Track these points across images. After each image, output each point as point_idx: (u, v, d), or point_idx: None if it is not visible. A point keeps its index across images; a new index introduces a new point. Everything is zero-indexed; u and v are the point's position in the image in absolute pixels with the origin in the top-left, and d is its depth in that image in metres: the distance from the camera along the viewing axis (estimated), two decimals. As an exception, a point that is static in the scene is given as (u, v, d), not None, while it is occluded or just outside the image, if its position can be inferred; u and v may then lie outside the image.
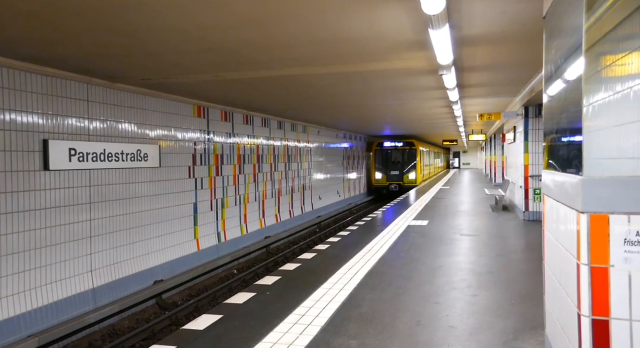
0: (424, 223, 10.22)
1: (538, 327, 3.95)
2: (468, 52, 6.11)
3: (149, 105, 8.67)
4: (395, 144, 26.43)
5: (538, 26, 4.63)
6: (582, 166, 2.38)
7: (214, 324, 4.21)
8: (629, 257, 2.21)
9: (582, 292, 2.29)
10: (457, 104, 11.43)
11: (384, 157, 26.76)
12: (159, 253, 8.86)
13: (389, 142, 26.52)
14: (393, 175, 26.53)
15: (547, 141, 3.39)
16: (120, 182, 7.93)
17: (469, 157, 57.74)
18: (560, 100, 2.99)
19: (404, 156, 26.61)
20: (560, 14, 2.97)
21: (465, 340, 3.79)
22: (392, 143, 26.50)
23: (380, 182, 26.58)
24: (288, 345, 3.70)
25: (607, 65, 2.92)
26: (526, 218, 10.49)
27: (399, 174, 26.40)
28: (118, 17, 4.34)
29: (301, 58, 6.22)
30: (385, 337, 3.85)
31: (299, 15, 4.43)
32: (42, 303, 6.39)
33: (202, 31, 4.89)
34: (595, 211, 2.26)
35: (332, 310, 4.50)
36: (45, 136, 6.50)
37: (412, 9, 4.19)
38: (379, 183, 26.61)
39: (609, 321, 2.24)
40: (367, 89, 9.12)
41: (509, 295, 4.97)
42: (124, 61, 6.21)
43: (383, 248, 7.46)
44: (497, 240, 8.48)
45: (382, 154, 26.79)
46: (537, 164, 10.37)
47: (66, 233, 6.85)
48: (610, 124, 2.89)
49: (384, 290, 5.22)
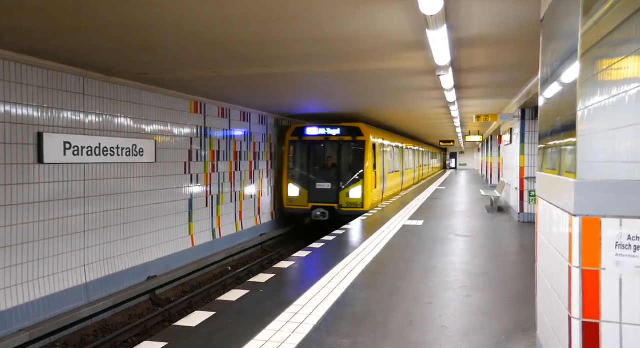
0: (419, 223, 10.23)
1: (530, 328, 3.96)
2: (466, 54, 6.11)
3: (145, 100, 8.64)
4: (326, 132, 14.06)
5: (536, 29, 4.62)
6: (576, 169, 2.38)
7: (206, 321, 4.20)
8: (620, 260, 2.22)
9: (573, 294, 2.30)
10: (455, 105, 11.45)
11: (304, 155, 14.33)
12: (153, 248, 8.84)
13: (315, 128, 14.14)
14: (319, 192, 13.95)
15: (542, 143, 3.39)
16: (115, 176, 7.90)
17: (465, 158, 57.84)
18: (555, 103, 2.99)
19: (341, 155, 14.13)
20: (558, 17, 2.97)
21: (458, 340, 3.80)
22: (321, 130, 14.14)
23: (297, 202, 14.03)
24: (280, 343, 3.69)
25: (603, 69, 2.93)
26: (521, 220, 10.52)
27: (330, 188, 13.90)
28: (117, 10, 4.32)
29: (299, 56, 6.21)
30: (377, 336, 3.85)
31: (297, 13, 4.42)
32: (34, 297, 6.36)
33: (200, 27, 4.87)
34: (588, 214, 2.26)
35: (325, 309, 4.50)
36: (40, 129, 6.47)
37: (409, 9, 4.18)
38: (295, 206, 14.04)
39: (599, 324, 2.25)
40: (364, 88, 9.12)
41: (502, 296, 4.98)
42: (120, 55, 6.18)
43: (378, 248, 7.46)
44: (491, 241, 8.50)
45: (302, 150, 14.32)
46: (533, 166, 10.40)
47: (60, 227, 6.82)
48: (605, 127, 2.89)
49: (377, 289, 5.22)
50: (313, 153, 14.32)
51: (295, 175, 14.22)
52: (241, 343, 3.71)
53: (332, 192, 13.82)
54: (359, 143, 13.94)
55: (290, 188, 14.11)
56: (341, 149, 14.08)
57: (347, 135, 13.91)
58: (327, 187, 13.87)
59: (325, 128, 13.99)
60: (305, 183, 14.02)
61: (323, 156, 14.41)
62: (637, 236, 2.19)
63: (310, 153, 14.27)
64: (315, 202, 13.82)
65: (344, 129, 13.93)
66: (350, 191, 13.72)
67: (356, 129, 13.91)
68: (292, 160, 14.32)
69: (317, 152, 14.42)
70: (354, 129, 13.93)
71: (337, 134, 13.91)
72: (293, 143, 14.32)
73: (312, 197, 13.88)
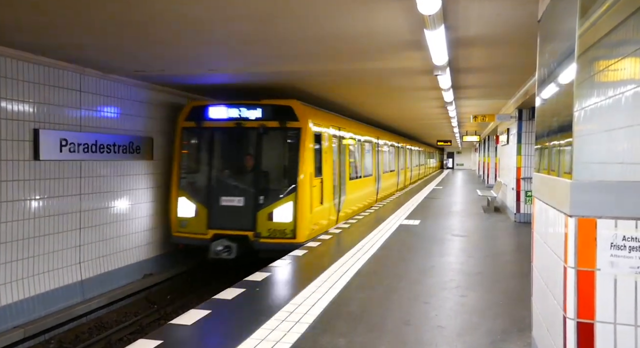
0: (416, 222, 10.25)
1: (525, 328, 3.97)
2: (463, 54, 6.12)
3: (142, 97, 8.60)
4: (239, 113, 8.68)
5: (533, 30, 4.63)
6: (572, 170, 2.39)
7: (201, 319, 4.20)
8: (615, 261, 2.23)
9: (568, 294, 2.31)
10: (452, 105, 11.47)
11: (205, 151, 9.19)
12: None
13: (222, 108, 8.79)
14: (225, 211, 8.52)
15: (539, 144, 3.40)
16: (112, 174, 7.85)
17: (462, 158, 57.97)
18: (552, 104, 3.00)
19: (262, 150, 8.84)
20: (555, 18, 2.98)
21: (453, 340, 3.81)
22: (232, 112, 8.72)
23: (192, 228, 8.65)
24: (276, 342, 3.69)
25: (600, 70, 2.94)
26: (517, 220, 10.55)
27: (243, 205, 8.48)
28: (116, 6, 4.30)
29: (298, 55, 6.21)
30: (374, 336, 3.86)
31: (295, 11, 4.41)
32: (29, 294, 6.33)
33: (196, 25, 4.86)
34: (583, 215, 2.27)
35: (321, 308, 4.50)
36: (36, 125, 6.41)
37: (408, 9, 4.18)
38: (187, 234, 8.68)
39: (594, 324, 2.26)
40: (362, 87, 9.12)
41: (498, 297, 5.00)
42: (118, 52, 6.16)
43: (374, 247, 7.47)
44: (487, 241, 8.53)
45: (202, 144, 9.29)
46: (529, 166, 10.43)
47: (55, 225, 6.80)
48: (601, 128, 2.91)
49: (374, 288, 5.23)
50: (219, 148, 9.02)
51: (189, 183, 8.79)
52: (237, 341, 3.70)
53: (246, 212, 8.25)
54: (292, 132, 8.54)
55: (181, 205, 8.56)
56: (262, 142, 8.60)
57: (272, 118, 8.44)
58: (237, 203, 8.32)
59: (237, 107, 8.54)
60: (204, 198, 8.52)
61: (235, 153, 9.07)
62: (632, 237, 2.20)
63: (214, 148, 8.94)
64: (218, 227, 8.31)
65: (267, 109, 8.47)
66: (275, 211, 8.19)
67: (286, 109, 8.40)
68: (186, 159, 8.93)
69: (225, 147, 9.09)
70: (282, 110, 8.42)
71: (258, 117, 8.45)
72: (188, 132, 8.87)
73: (214, 220, 8.35)
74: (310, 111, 9.16)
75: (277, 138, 8.94)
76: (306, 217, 8.35)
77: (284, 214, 8.24)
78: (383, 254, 7.01)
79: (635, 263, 2.20)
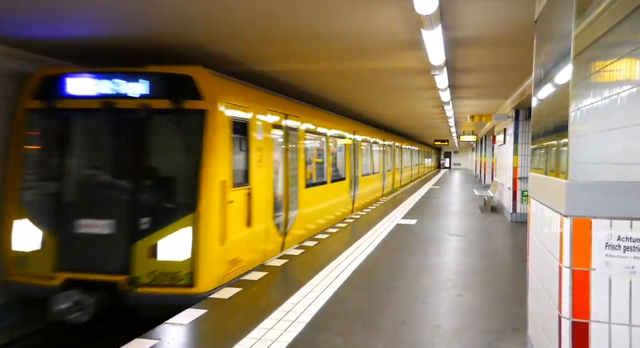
0: (413, 222, 10.27)
1: (521, 327, 3.99)
2: (461, 54, 6.14)
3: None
4: (113, 86, 5.30)
5: (530, 30, 4.65)
6: (567, 170, 2.40)
7: (198, 319, 4.20)
8: (609, 261, 2.24)
9: (564, 294, 2.32)
10: (449, 105, 11.50)
11: (59, 147, 5.59)
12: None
13: (86, 79, 5.35)
14: (84, 241, 5.12)
15: (535, 144, 3.42)
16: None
17: (459, 158, 58.03)
18: (548, 105, 3.01)
19: (145, 145, 5.52)
20: (551, 19, 2.99)
21: (450, 339, 3.82)
22: (101, 85, 5.32)
23: (34, 269, 5.19)
24: (272, 342, 3.70)
25: (596, 71, 2.96)
26: (513, 220, 10.59)
27: (113, 233, 5.09)
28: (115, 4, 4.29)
29: (296, 54, 6.20)
30: (370, 335, 3.87)
31: (294, 10, 4.41)
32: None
33: (196, 23, 4.85)
34: (579, 215, 2.28)
35: (318, 307, 4.51)
36: None
37: (405, 8, 4.19)
38: (27, 278, 5.21)
39: (589, 323, 2.28)
40: (359, 87, 9.13)
41: (493, 296, 5.02)
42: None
43: (371, 247, 7.48)
44: (484, 240, 8.55)
45: (55, 135, 5.68)
46: (525, 166, 10.46)
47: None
48: (597, 129, 2.92)
49: (370, 288, 5.24)
50: (80, 142, 5.81)
51: (35, 198, 5.60)
52: (234, 341, 3.71)
53: (116, 244, 5.19)
54: (192, 117, 5.34)
55: (20, 232, 5.43)
56: (146, 132, 5.54)
57: (162, 95, 5.32)
58: (103, 229, 5.21)
59: (110, 78, 5.39)
60: (54, 220, 5.37)
61: (104, 150, 6.07)
62: (627, 237, 2.22)
63: (73, 142, 5.74)
64: (73, 268, 5.19)
65: (155, 80, 5.37)
66: (162, 242, 5.13)
67: (184, 80, 5.29)
68: (31, 159, 5.68)
69: (90, 140, 6.01)
70: (178, 82, 5.32)
71: (142, 93, 5.37)
72: (36, 116, 5.63)
73: (67, 257, 5.24)
74: (226, 85, 5.90)
75: (170, 126, 5.70)
76: (213, 251, 5.18)
77: (176, 247, 5.08)
78: (379, 254, 7.02)
79: (629, 263, 2.21)
